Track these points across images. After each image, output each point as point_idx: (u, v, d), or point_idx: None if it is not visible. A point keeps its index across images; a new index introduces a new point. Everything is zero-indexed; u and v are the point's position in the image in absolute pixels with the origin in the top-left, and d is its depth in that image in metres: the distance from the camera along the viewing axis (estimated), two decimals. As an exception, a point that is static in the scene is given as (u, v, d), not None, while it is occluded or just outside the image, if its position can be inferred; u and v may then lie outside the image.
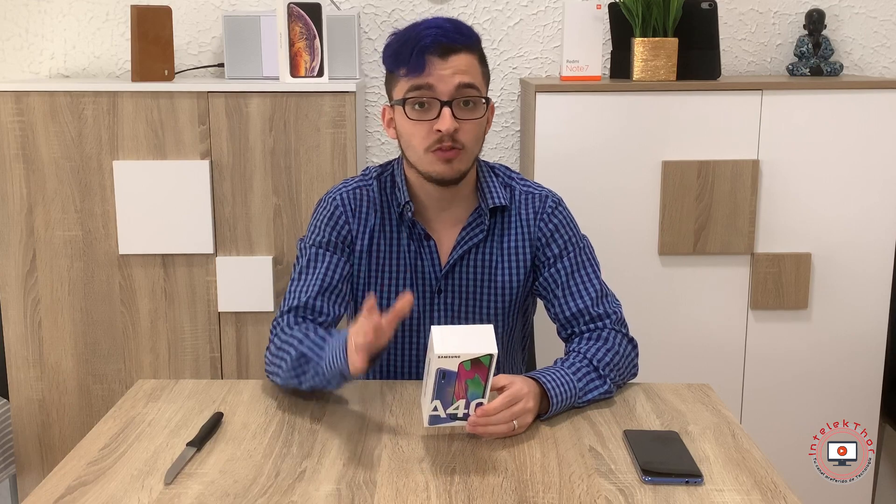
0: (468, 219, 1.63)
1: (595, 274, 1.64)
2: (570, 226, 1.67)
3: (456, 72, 1.49)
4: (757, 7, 2.55)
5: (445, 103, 1.49)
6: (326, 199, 1.67)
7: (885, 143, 2.23)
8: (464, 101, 1.51)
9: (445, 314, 1.66)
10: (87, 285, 2.25)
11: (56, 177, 2.21)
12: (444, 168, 1.53)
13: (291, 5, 2.21)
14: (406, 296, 1.30)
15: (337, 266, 1.62)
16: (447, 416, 1.32)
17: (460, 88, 1.50)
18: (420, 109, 1.51)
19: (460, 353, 1.25)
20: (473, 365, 1.26)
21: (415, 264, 1.64)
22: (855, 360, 2.32)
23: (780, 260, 2.27)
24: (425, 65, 1.48)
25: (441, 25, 1.50)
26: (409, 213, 1.61)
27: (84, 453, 1.32)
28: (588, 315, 1.60)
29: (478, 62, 1.55)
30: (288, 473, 1.25)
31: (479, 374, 1.27)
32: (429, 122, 1.50)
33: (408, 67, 1.49)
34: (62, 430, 2.31)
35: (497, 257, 1.64)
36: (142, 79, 2.23)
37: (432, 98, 1.50)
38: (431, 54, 1.48)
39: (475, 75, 1.53)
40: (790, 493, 1.20)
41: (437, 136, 1.50)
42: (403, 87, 1.52)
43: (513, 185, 1.68)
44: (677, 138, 2.23)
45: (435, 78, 1.49)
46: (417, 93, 1.50)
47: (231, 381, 1.60)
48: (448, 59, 1.49)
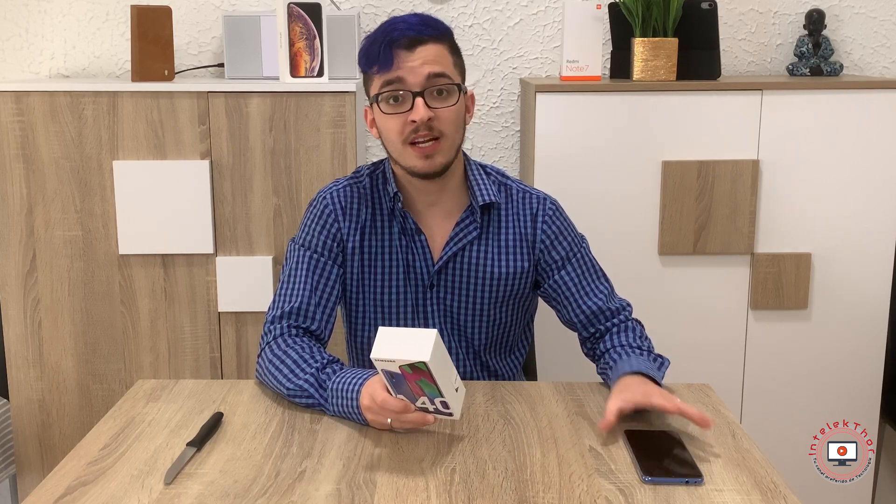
0: (461, 215, 1.64)
1: (601, 272, 1.70)
2: (571, 229, 1.71)
3: (425, 62, 1.51)
4: (757, 7, 2.55)
5: (417, 94, 1.51)
6: (317, 198, 1.68)
7: (885, 143, 2.23)
8: (437, 91, 1.53)
9: (438, 308, 1.67)
10: (87, 285, 2.25)
11: (56, 177, 2.21)
12: (425, 163, 1.55)
13: (291, 5, 2.21)
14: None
15: (325, 269, 1.63)
16: (418, 408, 1.33)
17: (430, 78, 1.51)
18: (394, 104, 1.53)
19: (395, 359, 1.26)
20: (415, 369, 1.27)
21: (406, 259, 1.65)
22: (855, 360, 2.32)
23: (780, 260, 2.27)
24: (393, 58, 1.51)
25: (407, 20, 1.53)
26: (399, 203, 1.62)
27: (84, 453, 1.32)
28: (608, 311, 1.66)
29: (448, 52, 1.56)
30: (288, 473, 1.25)
31: (425, 377, 1.28)
32: (403, 114, 1.52)
33: (378, 64, 1.52)
34: (62, 430, 2.31)
35: (493, 254, 1.65)
36: (142, 79, 2.23)
37: (404, 91, 1.51)
38: (398, 48, 1.51)
39: (445, 64, 1.54)
40: (790, 493, 1.20)
41: (412, 127, 1.52)
42: (377, 84, 1.54)
43: (508, 185, 1.69)
44: (677, 138, 2.23)
45: (405, 70, 1.51)
46: (389, 88, 1.52)
47: (231, 381, 1.60)
48: (415, 50, 1.51)
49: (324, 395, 1.44)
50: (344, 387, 1.41)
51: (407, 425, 1.35)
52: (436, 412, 1.34)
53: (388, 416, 1.34)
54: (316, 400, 1.45)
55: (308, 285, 1.61)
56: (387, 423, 1.35)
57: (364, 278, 1.66)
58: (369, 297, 1.67)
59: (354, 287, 1.67)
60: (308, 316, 1.59)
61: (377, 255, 1.65)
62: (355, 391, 1.39)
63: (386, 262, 1.65)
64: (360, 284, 1.66)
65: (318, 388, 1.45)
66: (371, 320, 1.68)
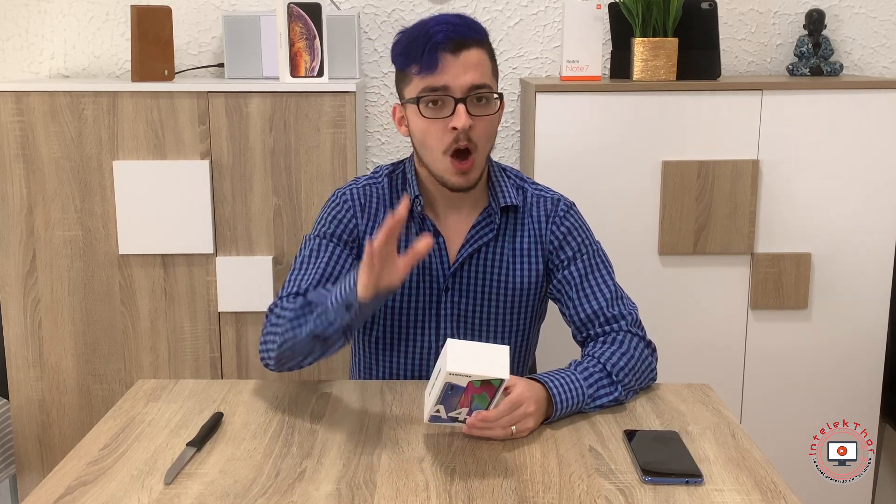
0: (478, 217, 1.63)
1: (609, 276, 1.64)
2: (583, 229, 1.67)
3: (468, 68, 1.49)
4: (757, 7, 2.55)
5: (460, 100, 1.49)
6: (336, 194, 1.67)
7: (885, 143, 2.23)
8: (477, 98, 1.51)
9: (452, 313, 1.65)
10: (87, 285, 2.25)
11: (56, 177, 2.21)
12: (461, 179, 1.54)
13: (291, 5, 2.21)
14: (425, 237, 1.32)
15: (339, 257, 1.61)
16: (448, 418, 1.32)
17: (474, 87, 1.50)
18: (434, 107, 1.51)
19: (471, 374, 1.25)
20: (483, 384, 1.26)
21: (423, 261, 1.63)
22: (855, 360, 2.32)
23: (780, 260, 2.27)
24: (438, 62, 1.48)
25: (450, 21, 1.50)
26: (420, 206, 1.61)
27: (84, 453, 1.32)
28: (603, 317, 1.59)
29: (488, 57, 1.54)
30: (288, 473, 1.25)
31: (487, 391, 1.28)
32: (443, 119, 1.50)
33: (420, 65, 1.49)
34: (62, 430, 2.31)
35: (508, 257, 1.64)
36: (142, 79, 2.23)
37: (447, 97, 1.50)
38: (443, 51, 1.48)
39: (486, 72, 1.53)
40: (790, 493, 1.20)
41: (453, 136, 1.50)
42: (417, 85, 1.52)
43: (525, 188, 1.68)
44: (677, 138, 2.23)
45: (449, 76, 1.48)
46: (432, 93, 1.50)
47: (231, 381, 1.60)
48: (459, 55, 1.49)
49: (325, 296, 1.42)
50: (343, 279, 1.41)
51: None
52: (453, 420, 1.33)
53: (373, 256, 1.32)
54: (320, 304, 1.42)
55: (319, 270, 1.59)
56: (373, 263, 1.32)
57: None
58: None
59: None
60: None
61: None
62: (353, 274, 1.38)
63: None
64: None
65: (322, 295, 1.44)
66: (381, 321, 1.66)
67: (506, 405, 1.33)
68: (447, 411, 1.31)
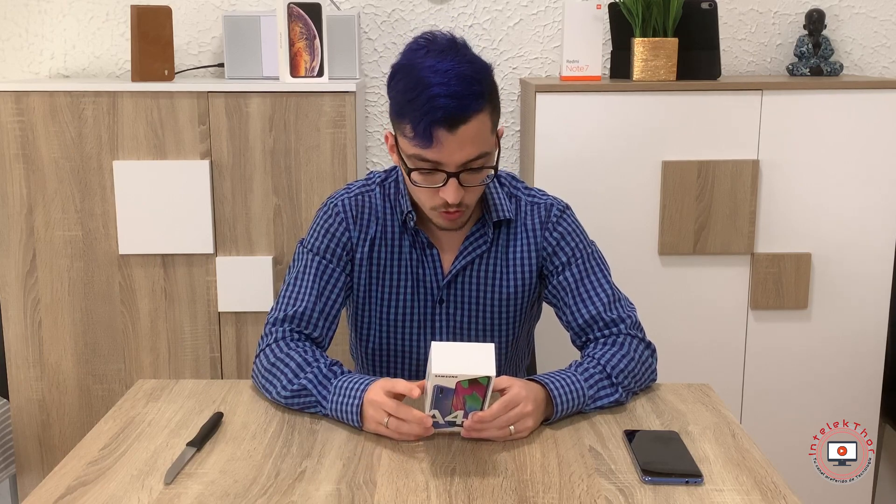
0: (472, 229, 1.61)
1: (606, 278, 1.62)
2: (577, 232, 1.64)
3: (465, 144, 1.42)
4: (757, 7, 2.55)
5: (452, 174, 1.44)
6: (329, 204, 1.64)
7: (885, 143, 2.23)
8: (470, 168, 1.46)
9: (447, 324, 1.64)
10: (87, 285, 2.25)
11: (56, 177, 2.21)
12: (449, 224, 1.54)
13: (291, 5, 2.21)
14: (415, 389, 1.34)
15: (332, 276, 1.60)
16: (445, 422, 1.33)
17: (468, 161, 1.44)
18: (426, 174, 1.46)
19: (457, 374, 1.25)
20: (471, 383, 1.26)
21: (416, 273, 1.62)
22: (855, 360, 2.32)
23: (780, 260, 2.27)
24: (433, 138, 1.40)
25: (452, 89, 1.39)
26: (412, 222, 1.59)
27: (84, 453, 1.32)
28: (602, 321, 1.57)
29: (489, 115, 1.45)
30: (288, 473, 1.25)
31: (478, 391, 1.27)
32: (434, 188, 1.47)
33: (415, 132, 1.41)
34: (62, 430, 2.31)
35: (501, 268, 1.63)
36: (142, 79, 2.23)
37: (440, 171, 1.45)
38: (440, 126, 1.39)
39: (484, 139, 1.45)
40: (790, 493, 1.20)
41: (442, 201, 1.48)
42: (408, 148, 1.45)
43: (518, 196, 1.64)
44: (677, 138, 2.23)
45: (444, 154, 1.42)
46: (424, 163, 1.44)
47: (231, 381, 1.60)
48: (457, 131, 1.40)
49: (323, 393, 1.42)
50: (350, 385, 1.40)
51: (402, 430, 1.33)
52: (450, 424, 1.33)
53: (390, 410, 1.33)
54: (315, 398, 1.43)
55: (314, 291, 1.58)
56: (383, 421, 1.34)
57: (371, 290, 1.63)
58: (375, 309, 1.64)
59: (361, 297, 1.64)
60: (311, 322, 1.56)
61: (386, 268, 1.62)
62: (360, 390, 1.38)
63: (395, 276, 1.62)
64: (367, 296, 1.64)
65: (318, 385, 1.43)
66: (377, 333, 1.66)
67: (500, 405, 1.33)
68: (443, 415, 1.31)
